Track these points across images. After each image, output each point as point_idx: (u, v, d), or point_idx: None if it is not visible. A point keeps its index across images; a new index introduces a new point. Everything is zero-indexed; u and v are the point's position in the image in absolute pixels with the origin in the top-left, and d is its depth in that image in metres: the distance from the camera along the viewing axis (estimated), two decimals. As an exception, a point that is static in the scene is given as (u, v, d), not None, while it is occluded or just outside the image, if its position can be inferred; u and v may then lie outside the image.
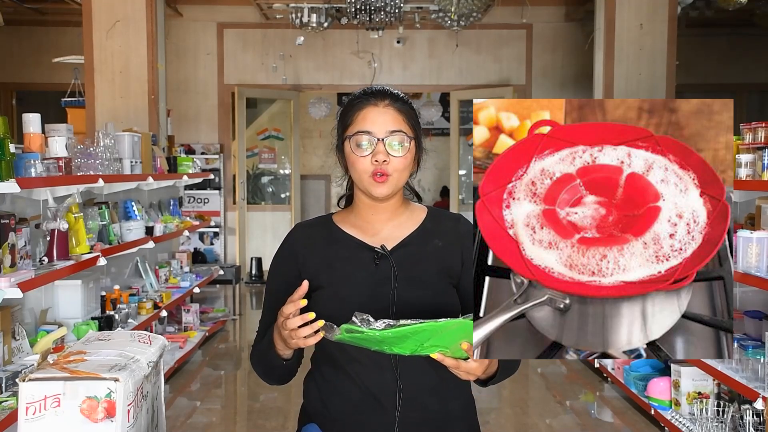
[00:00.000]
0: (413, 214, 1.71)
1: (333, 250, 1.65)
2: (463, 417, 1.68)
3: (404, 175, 1.63)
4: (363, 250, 1.64)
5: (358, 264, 1.62)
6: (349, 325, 1.38)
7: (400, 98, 1.65)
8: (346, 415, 1.60)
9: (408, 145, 1.61)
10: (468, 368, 1.44)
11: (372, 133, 1.59)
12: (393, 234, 1.67)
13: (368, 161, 1.59)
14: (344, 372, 1.60)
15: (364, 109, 1.62)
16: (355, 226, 1.69)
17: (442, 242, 1.67)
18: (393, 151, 1.59)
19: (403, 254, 1.63)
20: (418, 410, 1.58)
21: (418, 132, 1.65)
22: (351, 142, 1.61)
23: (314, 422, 1.66)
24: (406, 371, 1.57)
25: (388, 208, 1.67)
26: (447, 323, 1.37)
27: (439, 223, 1.70)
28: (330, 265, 1.64)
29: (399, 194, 1.68)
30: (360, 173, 1.61)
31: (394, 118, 1.61)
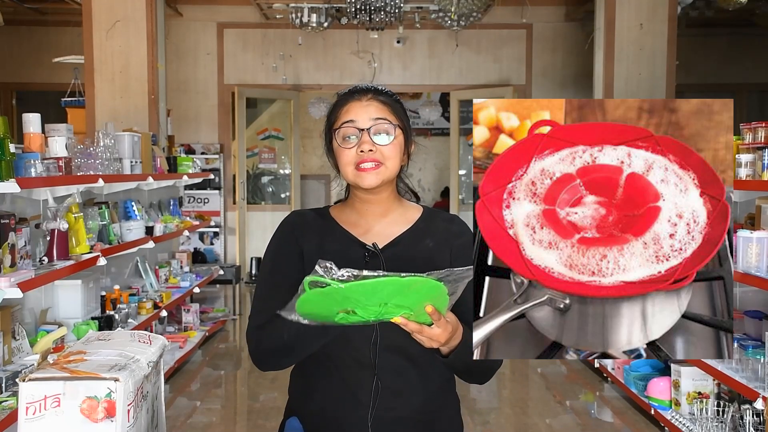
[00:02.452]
0: (407, 212, 1.70)
1: (327, 242, 1.64)
2: (445, 416, 1.67)
3: (394, 164, 1.61)
4: (354, 246, 1.63)
5: (348, 259, 1.60)
6: (313, 276, 1.32)
7: (384, 93, 1.64)
8: (325, 410, 1.60)
9: (394, 133, 1.60)
10: (431, 334, 1.41)
11: (356, 122, 1.59)
12: (385, 231, 1.66)
13: (353, 152, 1.58)
14: (325, 368, 1.60)
15: (348, 105, 1.62)
16: (350, 220, 1.68)
17: (433, 243, 1.65)
18: (378, 139, 1.58)
19: (393, 253, 1.62)
20: (394, 409, 1.58)
21: (405, 123, 1.64)
22: (337, 136, 1.60)
23: (296, 416, 1.66)
24: (385, 369, 1.57)
25: (381, 204, 1.66)
26: (412, 280, 1.31)
27: (432, 224, 1.69)
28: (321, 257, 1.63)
29: (392, 189, 1.67)
30: (345, 165, 1.60)
31: (378, 109, 1.60)
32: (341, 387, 1.59)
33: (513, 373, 5.40)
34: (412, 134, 1.68)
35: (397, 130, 1.61)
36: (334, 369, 1.60)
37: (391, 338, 1.56)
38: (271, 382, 5.01)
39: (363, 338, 1.57)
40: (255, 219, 9.38)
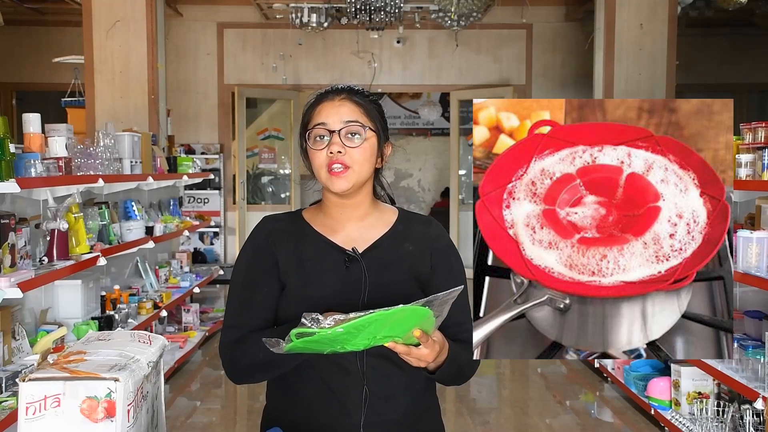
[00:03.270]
0: (383, 215, 1.67)
1: (303, 249, 1.61)
2: (429, 416, 1.66)
3: (364, 168, 1.57)
4: (333, 251, 1.60)
5: (329, 266, 1.58)
6: (299, 328, 1.31)
7: (360, 93, 1.61)
8: (312, 419, 1.57)
9: (364, 135, 1.56)
10: (419, 354, 1.40)
11: (326, 124, 1.56)
12: (363, 235, 1.62)
13: (324, 154, 1.55)
14: (309, 377, 1.57)
15: (320, 105, 1.59)
16: (325, 224, 1.64)
17: (412, 246, 1.63)
18: (348, 142, 1.55)
19: (373, 258, 1.59)
20: (383, 413, 1.56)
21: (380, 125, 1.60)
22: (309, 138, 1.58)
23: (278, 425, 1.61)
24: (373, 375, 1.55)
25: (357, 206, 1.63)
26: (396, 311, 1.30)
27: (410, 227, 1.66)
28: (300, 265, 1.59)
29: (367, 193, 1.63)
30: (318, 168, 1.57)
31: (350, 110, 1.57)
32: (327, 395, 1.55)
33: (513, 373, 5.40)
34: (387, 136, 1.64)
35: (368, 132, 1.57)
36: (317, 377, 1.56)
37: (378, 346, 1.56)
38: (271, 382, 5.01)
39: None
40: (255, 219, 9.30)
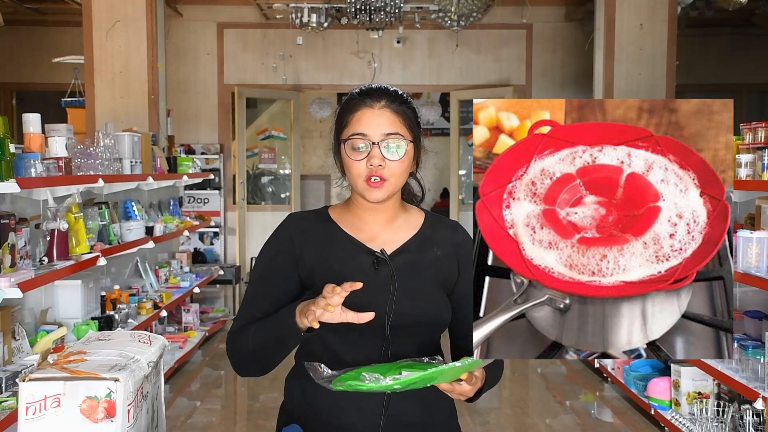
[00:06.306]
0: (411, 217, 1.67)
1: (331, 248, 1.60)
2: (445, 421, 1.68)
3: (401, 179, 1.58)
4: (362, 253, 1.59)
5: (357, 267, 1.57)
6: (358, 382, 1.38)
7: (397, 98, 1.58)
8: (331, 417, 1.58)
9: (405, 148, 1.56)
10: (462, 391, 1.45)
11: (367, 136, 1.54)
12: (391, 238, 1.62)
13: (363, 165, 1.54)
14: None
15: (359, 111, 1.56)
16: (353, 225, 1.64)
17: (440, 251, 1.64)
18: (389, 154, 1.54)
19: (402, 261, 1.59)
20: (403, 415, 1.57)
21: (416, 133, 1.60)
22: (346, 146, 1.56)
23: (296, 422, 1.62)
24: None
25: (386, 210, 1.63)
26: (453, 368, 1.37)
27: (437, 230, 1.67)
28: (327, 265, 1.58)
29: (397, 197, 1.63)
30: (355, 177, 1.56)
31: (391, 121, 1.55)
32: (348, 394, 1.53)
33: (513, 373, 5.40)
34: (422, 140, 1.64)
35: (408, 146, 1.57)
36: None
37: (403, 348, 1.56)
38: (271, 383, 5.00)
39: (374, 348, 1.56)
40: (255, 219, 9.38)
